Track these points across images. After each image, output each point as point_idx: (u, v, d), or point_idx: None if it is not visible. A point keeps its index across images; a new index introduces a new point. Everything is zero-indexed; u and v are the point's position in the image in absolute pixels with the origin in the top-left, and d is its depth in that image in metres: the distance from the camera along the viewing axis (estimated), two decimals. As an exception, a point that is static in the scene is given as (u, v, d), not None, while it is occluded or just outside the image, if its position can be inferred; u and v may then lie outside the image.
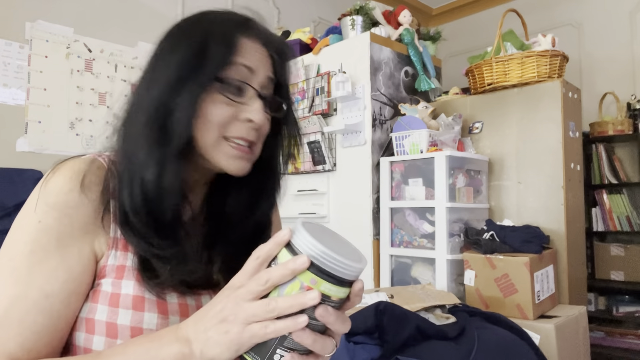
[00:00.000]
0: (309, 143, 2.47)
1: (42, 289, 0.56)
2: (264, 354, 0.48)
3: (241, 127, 0.63)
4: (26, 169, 2.34)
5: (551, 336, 1.58)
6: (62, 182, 0.59)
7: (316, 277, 0.46)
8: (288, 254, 0.48)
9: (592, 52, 3.63)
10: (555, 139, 2.04)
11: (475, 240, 1.91)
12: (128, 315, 0.58)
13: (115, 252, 0.60)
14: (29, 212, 0.58)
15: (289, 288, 0.47)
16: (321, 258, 0.46)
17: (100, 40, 2.75)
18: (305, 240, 0.47)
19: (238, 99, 0.63)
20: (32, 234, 0.57)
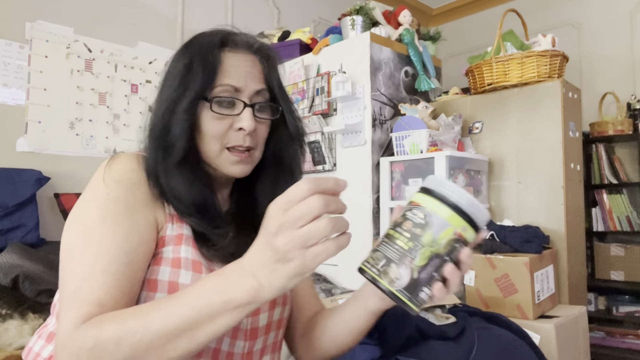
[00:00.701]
0: (309, 143, 2.47)
1: (120, 247, 0.61)
2: (413, 291, 0.54)
3: (237, 136, 0.72)
4: (26, 169, 2.33)
5: (551, 336, 1.58)
6: (124, 163, 0.68)
7: (467, 224, 0.55)
8: (437, 201, 0.55)
9: (592, 52, 3.63)
10: (555, 139, 2.04)
11: (475, 240, 1.90)
12: (188, 276, 0.66)
13: (172, 225, 0.69)
14: (96, 187, 0.66)
15: (443, 233, 0.54)
16: (472, 208, 0.55)
17: (100, 40, 2.75)
18: (456, 190, 0.55)
19: (229, 112, 0.72)
20: (102, 204, 0.63)
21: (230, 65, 0.72)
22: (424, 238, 0.53)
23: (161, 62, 2.98)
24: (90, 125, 2.68)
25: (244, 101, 0.72)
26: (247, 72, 0.73)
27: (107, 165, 0.68)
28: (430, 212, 0.54)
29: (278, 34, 2.93)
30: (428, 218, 0.54)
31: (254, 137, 0.74)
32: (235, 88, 0.72)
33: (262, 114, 0.75)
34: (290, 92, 2.62)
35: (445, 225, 0.54)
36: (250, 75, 0.74)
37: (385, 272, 0.54)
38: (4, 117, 2.40)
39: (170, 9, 3.07)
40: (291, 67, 2.64)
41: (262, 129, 0.76)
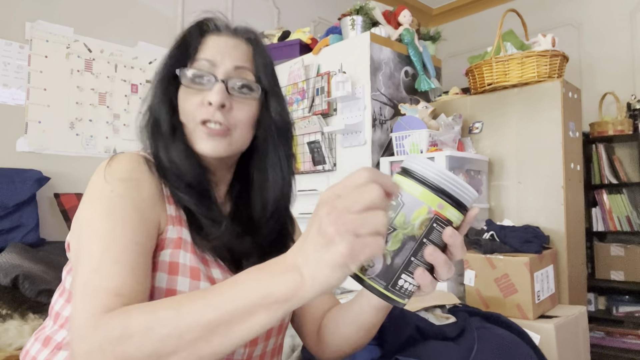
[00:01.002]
0: (309, 143, 2.47)
1: (130, 239, 0.60)
2: (389, 278, 0.48)
3: (207, 110, 0.71)
4: (26, 169, 2.33)
5: (551, 336, 1.58)
6: (125, 162, 0.67)
7: (444, 201, 0.48)
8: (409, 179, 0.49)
9: (592, 52, 3.63)
10: (555, 139, 2.04)
11: (475, 240, 1.90)
12: (186, 283, 0.64)
13: (172, 227, 0.68)
14: (98, 186, 0.64)
15: (416, 213, 0.48)
16: (448, 183, 0.49)
17: (100, 40, 2.75)
18: (427, 165, 0.49)
19: (201, 87, 0.72)
20: (106, 201, 0.62)
21: (209, 45, 0.74)
22: (396, 220, 0.48)
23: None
24: (90, 125, 2.68)
25: (216, 75, 0.72)
26: (226, 50, 0.73)
27: (108, 164, 0.67)
28: (402, 192, 0.49)
29: (278, 34, 2.93)
30: (400, 198, 0.49)
31: (228, 115, 0.72)
32: (210, 62, 0.72)
33: (241, 93, 0.74)
34: (290, 92, 2.62)
35: (418, 203, 0.48)
36: (231, 53, 0.73)
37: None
38: (4, 117, 2.40)
39: (170, 9, 3.07)
40: (291, 67, 2.64)
41: (240, 109, 0.74)
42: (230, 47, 0.74)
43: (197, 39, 0.74)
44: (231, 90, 0.72)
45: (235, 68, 0.73)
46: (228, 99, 0.72)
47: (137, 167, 0.68)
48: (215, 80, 0.71)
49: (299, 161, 2.55)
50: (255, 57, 0.76)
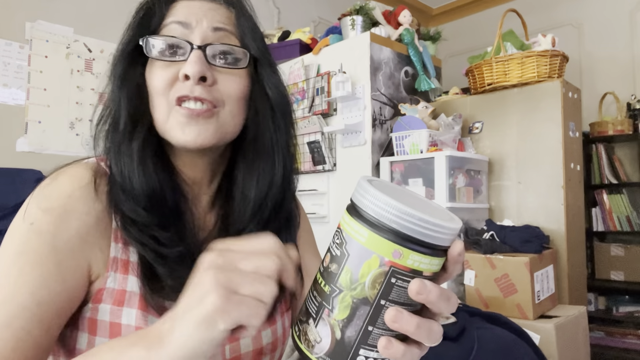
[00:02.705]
0: (309, 143, 2.47)
1: (33, 295, 0.48)
2: (342, 356, 0.36)
3: (183, 86, 0.55)
4: (26, 169, 2.33)
5: (551, 336, 1.58)
6: (62, 186, 0.53)
7: (401, 247, 0.34)
8: (353, 219, 0.36)
9: (592, 52, 3.63)
10: (555, 139, 2.04)
11: (475, 240, 1.90)
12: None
13: (114, 275, 0.53)
14: (21, 215, 0.52)
15: (365, 266, 0.35)
16: (403, 221, 0.34)
17: (100, 40, 2.75)
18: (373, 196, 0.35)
19: (174, 58, 0.56)
20: (22, 236, 0.51)
21: (180, 8, 0.58)
22: (340, 278, 0.36)
23: (161, 62, 2.98)
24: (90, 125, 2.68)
25: (191, 42, 0.56)
26: (202, 12, 0.58)
27: (41, 187, 0.54)
28: (347, 237, 0.36)
29: (278, 34, 2.93)
30: (344, 247, 0.36)
31: (211, 90, 0.56)
32: (183, 24, 0.56)
33: (224, 61, 0.57)
34: (290, 92, 2.62)
35: (366, 253, 0.35)
36: (208, 15, 0.58)
37: (304, 331, 0.38)
38: (4, 117, 2.40)
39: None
40: (291, 67, 2.64)
41: (227, 80, 0.57)
42: (207, 8, 0.58)
43: (164, 4, 0.58)
44: (211, 58, 0.56)
45: (214, 30, 0.57)
46: (209, 69, 0.56)
47: (75, 193, 0.53)
48: (192, 47, 0.55)
49: (299, 161, 2.55)
50: (239, 21, 0.61)
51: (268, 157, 0.61)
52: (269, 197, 0.60)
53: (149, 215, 0.54)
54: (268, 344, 0.61)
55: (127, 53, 0.58)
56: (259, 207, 0.60)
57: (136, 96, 0.57)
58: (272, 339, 0.62)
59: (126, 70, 0.58)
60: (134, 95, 0.57)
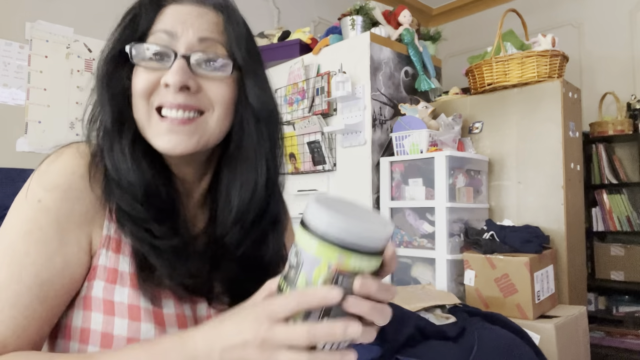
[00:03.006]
0: (309, 143, 2.47)
1: (37, 275, 0.52)
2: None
3: (164, 93, 0.57)
4: (26, 169, 2.33)
5: (551, 336, 1.58)
6: (66, 164, 0.56)
7: (343, 252, 0.41)
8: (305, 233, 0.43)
9: (592, 52, 3.63)
10: (555, 139, 2.04)
11: (475, 240, 1.90)
12: (124, 325, 0.54)
13: (106, 252, 0.56)
14: (23, 194, 0.55)
15: (316, 272, 0.42)
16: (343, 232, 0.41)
17: (100, 40, 2.74)
18: (319, 213, 0.42)
19: (159, 66, 0.57)
20: (30, 214, 0.53)
21: (167, 15, 0.59)
22: (298, 281, 0.43)
23: (161, 62, 2.98)
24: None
25: (175, 50, 0.57)
26: (189, 19, 0.58)
27: (46, 164, 0.56)
28: (300, 249, 0.43)
29: (278, 34, 2.93)
30: (299, 256, 0.43)
31: (197, 96, 0.57)
32: (169, 33, 0.57)
33: (209, 70, 0.58)
34: (290, 92, 2.62)
35: (316, 261, 0.42)
36: (195, 23, 0.58)
37: None
38: (4, 117, 2.40)
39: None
40: (291, 67, 2.64)
41: (214, 88, 0.58)
42: (195, 16, 0.58)
43: (152, 10, 0.59)
44: (195, 67, 0.57)
45: (199, 40, 0.57)
46: (192, 78, 0.56)
47: (77, 169, 0.55)
48: (175, 56, 0.56)
49: (299, 161, 2.55)
50: (226, 28, 0.60)
51: (251, 166, 0.62)
52: (252, 204, 0.62)
53: (145, 209, 0.56)
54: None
55: (112, 56, 0.59)
56: (242, 214, 0.61)
57: (121, 97, 0.58)
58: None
59: (112, 72, 0.59)
60: (119, 96, 0.58)
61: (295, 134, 2.51)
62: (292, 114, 2.59)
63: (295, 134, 2.51)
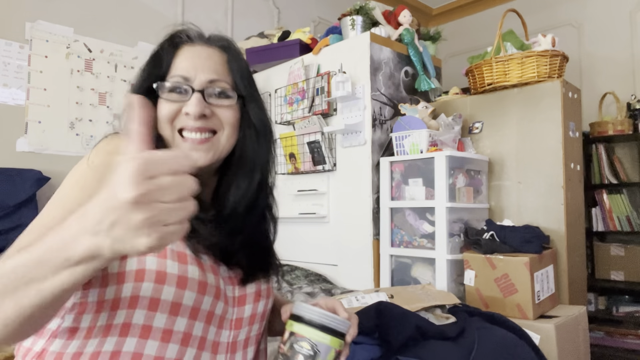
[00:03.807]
0: (309, 143, 2.47)
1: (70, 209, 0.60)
2: None
3: (185, 119, 0.73)
4: (26, 169, 2.33)
5: (551, 336, 1.58)
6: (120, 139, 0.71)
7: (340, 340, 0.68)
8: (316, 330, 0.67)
9: (592, 52, 3.63)
10: (555, 139, 2.04)
11: (475, 240, 1.90)
12: (175, 266, 0.66)
13: None
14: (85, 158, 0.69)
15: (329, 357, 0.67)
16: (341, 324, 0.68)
17: (100, 40, 2.75)
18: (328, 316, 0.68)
19: (180, 98, 0.73)
20: (81, 170, 0.67)
21: (182, 58, 0.75)
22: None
23: (161, 62, 2.98)
24: (90, 125, 2.68)
25: (192, 87, 0.73)
26: (199, 63, 0.75)
27: (110, 137, 0.72)
28: (316, 342, 0.65)
29: (278, 34, 2.93)
30: (315, 348, 0.64)
31: (211, 120, 0.74)
32: (184, 78, 0.74)
33: (219, 101, 0.75)
34: (290, 92, 2.62)
35: (329, 349, 0.65)
36: (204, 66, 0.75)
37: None
38: (4, 117, 2.40)
39: (170, 9, 3.07)
40: (291, 67, 2.64)
41: (224, 113, 0.75)
42: (204, 58, 0.75)
43: (170, 53, 0.76)
44: (209, 98, 0.74)
45: (209, 82, 0.74)
46: (207, 107, 0.73)
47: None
48: (193, 90, 0.73)
49: (299, 161, 2.55)
50: (230, 65, 0.78)
51: (247, 172, 0.79)
52: (245, 199, 0.78)
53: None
54: (264, 289, 0.82)
55: (143, 89, 0.75)
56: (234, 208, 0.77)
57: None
58: (266, 286, 0.83)
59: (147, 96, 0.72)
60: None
61: (295, 134, 2.51)
62: (292, 114, 2.59)
63: (295, 134, 2.51)
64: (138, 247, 0.44)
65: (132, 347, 0.64)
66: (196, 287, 0.68)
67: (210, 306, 0.70)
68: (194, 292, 0.67)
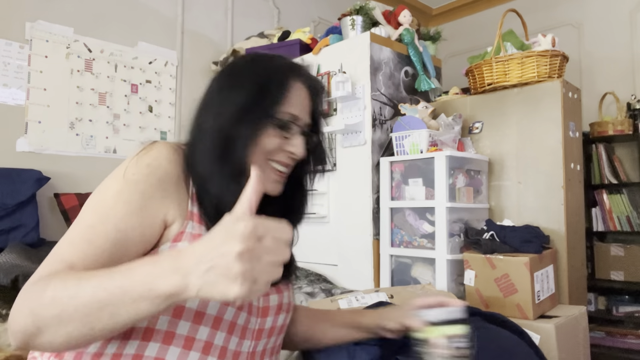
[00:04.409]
0: (309, 143, 2.47)
1: (116, 224, 0.64)
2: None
3: (283, 155, 0.78)
4: (26, 169, 2.33)
5: (551, 336, 1.58)
6: (162, 151, 0.71)
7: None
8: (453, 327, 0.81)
9: (592, 52, 3.63)
10: (555, 139, 2.04)
11: (475, 240, 1.90)
12: None
13: (192, 223, 0.71)
14: (128, 165, 0.69)
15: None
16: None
17: (100, 40, 2.75)
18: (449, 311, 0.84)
19: (286, 134, 0.77)
20: (122, 183, 0.67)
21: (294, 95, 0.78)
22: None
23: (161, 62, 2.98)
24: (90, 125, 2.68)
25: (302, 128, 0.79)
26: (305, 103, 0.80)
27: (147, 147, 0.72)
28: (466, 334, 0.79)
29: (278, 34, 2.93)
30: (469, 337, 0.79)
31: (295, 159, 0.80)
32: (294, 117, 0.78)
33: (308, 143, 0.82)
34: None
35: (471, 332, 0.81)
36: (306, 107, 0.81)
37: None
38: (4, 117, 2.40)
39: (170, 9, 3.07)
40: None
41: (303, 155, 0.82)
42: (306, 98, 0.81)
43: (289, 84, 0.78)
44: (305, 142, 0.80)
45: (308, 125, 0.81)
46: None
47: (172, 160, 0.71)
48: (302, 133, 0.79)
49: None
50: (316, 109, 0.84)
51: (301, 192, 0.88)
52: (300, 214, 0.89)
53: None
54: (286, 303, 0.84)
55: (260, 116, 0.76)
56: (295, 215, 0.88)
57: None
58: (287, 300, 0.85)
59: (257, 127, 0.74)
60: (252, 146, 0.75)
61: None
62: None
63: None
64: (228, 293, 0.48)
65: (153, 352, 0.65)
66: None
67: (233, 317, 0.71)
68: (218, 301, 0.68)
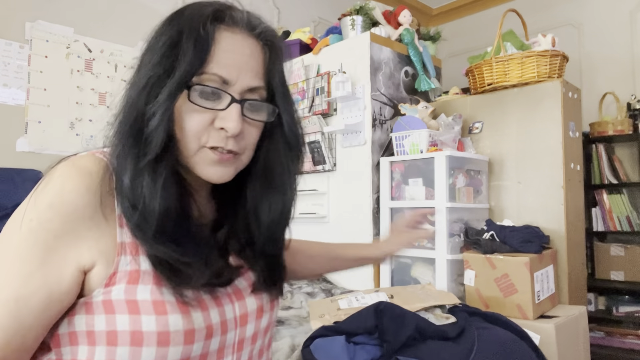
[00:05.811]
0: (309, 143, 2.47)
1: (15, 291, 0.52)
2: None
3: (217, 136, 0.59)
4: (26, 169, 2.33)
5: (551, 336, 1.58)
6: (66, 179, 0.55)
7: None
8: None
9: (592, 52, 3.63)
10: (555, 139, 2.04)
11: (475, 240, 1.90)
12: (152, 321, 0.54)
13: (125, 257, 0.56)
14: (23, 210, 0.55)
15: None
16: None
17: (100, 40, 2.75)
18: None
19: (212, 105, 0.58)
20: (18, 233, 0.53)
21: (223, 50, 0.59)
22: None
23: (161, 62, 2.98)
24: (90, 125, 2.68)
25: (232, 95, 0.59)
26: (242, 61, 0.60)
27: (44, 181, 0.57)
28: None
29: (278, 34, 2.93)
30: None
31: (239, 140, 0.61)
32: (223, 80, 0.58)
33: (254, 115, 0.62)
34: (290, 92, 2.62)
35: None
36: (246, 66, 0.60)
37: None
38: (4, 117, 2.40)
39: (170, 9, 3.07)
40: (291, 67, 2.64)
41: (251, 132, 0.63)
42: (247, 56, 0.61)
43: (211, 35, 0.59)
44: (245, 113, 0.61)
45: (250, 90, 0.61)
46: (242, 124, 0.60)
47: (78, 183, 0.55)
48: (232, 100, 0.59)
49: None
50: (270, 70, 0.65)
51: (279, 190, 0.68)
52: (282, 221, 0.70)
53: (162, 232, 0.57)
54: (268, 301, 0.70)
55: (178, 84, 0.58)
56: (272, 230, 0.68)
57: (173, 124, 0.58)
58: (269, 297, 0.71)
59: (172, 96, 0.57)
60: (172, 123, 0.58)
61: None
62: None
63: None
64: None
65: None
66: (182, 340, 0.55)
67: (202, 348, 0.58)
68: (179, 345, 0.55)
